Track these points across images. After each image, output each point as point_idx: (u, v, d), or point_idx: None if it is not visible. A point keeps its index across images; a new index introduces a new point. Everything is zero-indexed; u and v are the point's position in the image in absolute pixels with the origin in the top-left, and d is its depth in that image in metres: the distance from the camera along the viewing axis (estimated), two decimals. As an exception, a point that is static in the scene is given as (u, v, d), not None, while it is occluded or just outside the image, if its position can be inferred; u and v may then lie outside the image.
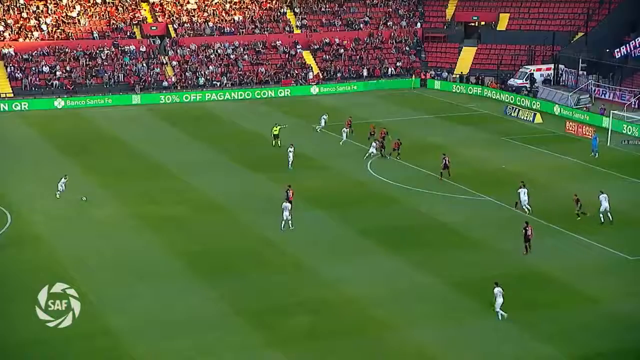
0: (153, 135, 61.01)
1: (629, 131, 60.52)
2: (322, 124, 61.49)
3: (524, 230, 36.78)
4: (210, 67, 79.91)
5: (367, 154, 52.38)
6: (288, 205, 39.60)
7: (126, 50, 78.98)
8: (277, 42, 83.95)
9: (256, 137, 60.13)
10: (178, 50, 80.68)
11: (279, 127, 56.51)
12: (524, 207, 42.22)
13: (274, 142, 55.57)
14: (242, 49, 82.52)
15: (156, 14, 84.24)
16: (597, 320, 30.85)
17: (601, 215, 40.55)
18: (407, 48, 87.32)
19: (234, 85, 78.20)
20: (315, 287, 33.25)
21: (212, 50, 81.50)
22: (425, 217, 41.95)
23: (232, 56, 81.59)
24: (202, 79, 78.19)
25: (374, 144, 53.13)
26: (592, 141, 54.95)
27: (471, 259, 36.54)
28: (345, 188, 46.57)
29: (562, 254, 37.42)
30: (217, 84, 78.12)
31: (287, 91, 78.10)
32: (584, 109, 67.96)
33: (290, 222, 39.50)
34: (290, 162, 50.29)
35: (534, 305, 31.94)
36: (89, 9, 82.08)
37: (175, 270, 34.83)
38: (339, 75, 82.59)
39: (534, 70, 76.82)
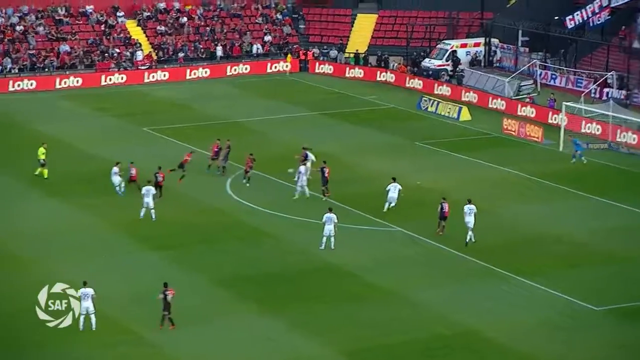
0: None
1: (589, 129, 62.52)
2: None
3: None
4: (-14, 44, 78.53)
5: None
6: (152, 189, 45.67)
7: None
8: (88, 8, 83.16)
9: (64, 147, 59.65)
10: None
11: (44, 151, 52.84)
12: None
13: (38, 171, 52.36)
14: (34, 18, 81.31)
15: None
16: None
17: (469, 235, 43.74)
18: (279, 16, 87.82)
19: (22, 71, 77.20)
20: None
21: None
22: (308, 257, 42.16)
23: (18, 28, 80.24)
24: (-26, 61, 76.91)
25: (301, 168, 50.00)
26: (574, 146, 56.85)
27: (373, 316, 37.01)
28: (195, 219, 46.30)
29: (505, 305, 38.38)
30: (-3, 70, 77.36)
31: (106, 78, 77.59)
32: (528, 100, 69.83)
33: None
34: (120, 186, 49.80)
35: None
36: None
37: None
38: (181, 55, 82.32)
39: (457, 46, 78.62)
